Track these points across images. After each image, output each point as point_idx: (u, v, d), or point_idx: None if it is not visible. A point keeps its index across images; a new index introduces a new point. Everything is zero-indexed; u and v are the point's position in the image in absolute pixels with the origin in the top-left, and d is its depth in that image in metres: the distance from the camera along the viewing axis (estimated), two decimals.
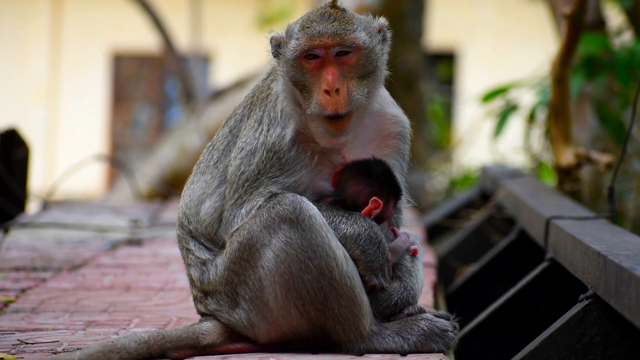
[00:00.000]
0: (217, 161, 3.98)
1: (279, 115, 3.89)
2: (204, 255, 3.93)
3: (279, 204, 3.74)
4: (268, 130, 3.87)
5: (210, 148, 4.04)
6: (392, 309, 3.84)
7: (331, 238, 3.73)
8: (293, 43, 3.81)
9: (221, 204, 3.92)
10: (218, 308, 3.89)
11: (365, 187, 3.88)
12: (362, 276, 3.78)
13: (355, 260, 3.78)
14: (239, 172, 3.87)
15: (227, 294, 3.86)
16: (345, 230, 3.78)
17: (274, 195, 3.81)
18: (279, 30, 3.93)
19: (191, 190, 4.00)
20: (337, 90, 3.76)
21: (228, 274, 3.83)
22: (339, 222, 3.79)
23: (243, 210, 3.83)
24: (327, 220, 3.77)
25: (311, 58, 3.80)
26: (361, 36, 3.81)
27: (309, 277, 3.72)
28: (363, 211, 3.86)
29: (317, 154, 3.87)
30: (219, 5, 25.89)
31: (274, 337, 3.83)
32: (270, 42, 3.91)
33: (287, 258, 3.73)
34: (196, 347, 3.86)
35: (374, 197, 3.87)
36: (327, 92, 3.76)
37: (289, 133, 3.86)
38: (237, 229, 3.81)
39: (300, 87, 3.82)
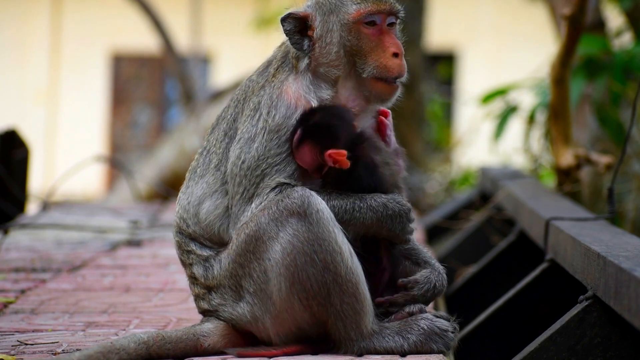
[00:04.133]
0: (218, 164, 3.94)
1: (284, 95, 3.86)
2: (206, 252, 3.92)
3: (287, 198, 3.74)
4: (268, 113, 3.86)
5: (205, 153, 3.98)
6: (432, 292, 3.85)
7: (338, 233, 3.73)
8: (353, 7, 3.86)
9: (222, 200, 3.90)
10: (222, 302, 3.88)
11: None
12: (393, 238, 3.80)
13: (379, 228, 3.79)
14: (240, 162, 3.85)
15: (231, 288, 3.85)
16: (368, 201, 3.79)
17: (280, 185, 3.81)
18: (297, 7, 3.91)
19: (188, 194, 3.96)
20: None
21: (233, 266, 3.83)
22: (356, 199, 3.80)
23: (253, 206, 3.81)
24: (345, 203, 3.78)
25: (370, 25, 3.86)
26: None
27: (314, 270, 3.72)
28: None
29: None
30: (219, 6, 25.89)
31: (277, 331, 3.81)
32: (286, 20, 3.87)
33: (293, 250, 3.72)
34: (196, 348, 3.85)
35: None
36: (395, 54, 3.86)
37: (319, 99, 3.86)
38: (245, 222, 3.80)
39: (354, 52, 3.87)
